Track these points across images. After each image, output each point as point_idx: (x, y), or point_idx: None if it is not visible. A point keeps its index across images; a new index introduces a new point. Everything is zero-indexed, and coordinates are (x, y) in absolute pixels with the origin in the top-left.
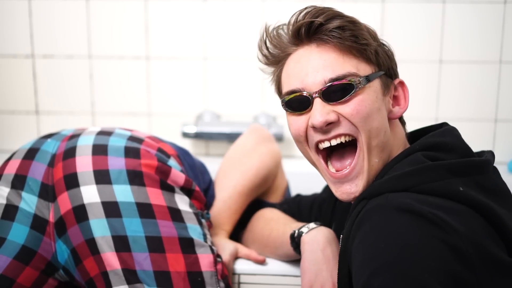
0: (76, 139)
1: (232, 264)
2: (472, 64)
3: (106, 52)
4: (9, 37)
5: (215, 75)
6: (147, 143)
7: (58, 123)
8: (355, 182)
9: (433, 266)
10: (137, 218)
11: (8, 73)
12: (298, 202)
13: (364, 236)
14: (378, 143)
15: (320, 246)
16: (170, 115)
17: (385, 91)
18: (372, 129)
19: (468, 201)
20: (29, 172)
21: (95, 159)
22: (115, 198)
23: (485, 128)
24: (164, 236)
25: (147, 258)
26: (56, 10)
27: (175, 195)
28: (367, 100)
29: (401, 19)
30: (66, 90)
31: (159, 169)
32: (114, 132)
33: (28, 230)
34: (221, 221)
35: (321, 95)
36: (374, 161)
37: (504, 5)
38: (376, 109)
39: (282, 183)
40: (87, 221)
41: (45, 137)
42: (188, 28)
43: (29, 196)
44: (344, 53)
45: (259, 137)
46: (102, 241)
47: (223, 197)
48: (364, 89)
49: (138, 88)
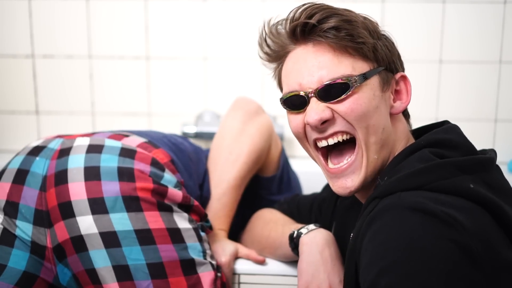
0: (66, 159)
1: (232, 264)
2: (472, 64)
3: (106, 52)
4: (9, 37)
5: (215, 75)
6: (140, 155)
7: (58, 123)
8: (351, 177)
9: (442, 268)
10: (137, 246)
11: (8, 73)
12: (297, 202)
13: (374, 234)
14: (376, 140)
15: (318, 247)
16: (170, 115)
17: (385, 87)
18: (369, 127)
19: (478, 198)
20: (21, 199)
21: (88, 186)
22: (113, 227)
23: (485, 128)
24: (165, 261)
25: (149, 285)
26: (56, 10)
27: (173, 214)
28: (363, 99)
29: (401, 19)
30: (66, 90)
31: (155, 191)
32: (104, 145)
33: (28, 256)
34: (219, 221)
35: (316, 94)
36: (373, 157)
37: (504, 5)
38: (373, 107)
39: (275, 153)
40: (87, 252)
41: (32, 153)
42: (188, 28)
43: (24, 224)
44: (339, 52)
45: (246, 113)
46: (103, 272)
47: (218, 195)
48: (361, 87)
49: (138, 88)
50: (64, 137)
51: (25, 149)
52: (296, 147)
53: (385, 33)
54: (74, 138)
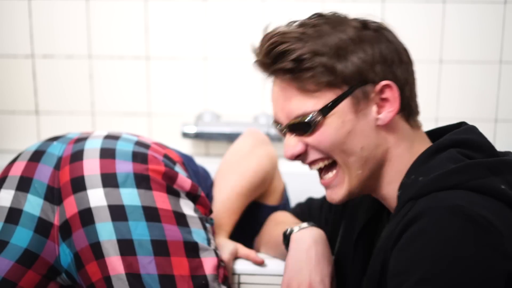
0: (83, 142)
1: (232, 263)
2: (472, 64)
3: (106, 52)
4: (9, 37)
5: (215, 75)
6: (153, 148)
7: (58, 123)
8: (335, 190)
9: (483, 278)
10: (143, 222)
11: (8, 73)
12: (309, 204)
13: (411, 239)
14: (356, 159)
15: (305, 246)
16: (170, 115)
17: (361, 105)
18: (345, 151)
19: (509, 199)
20: (35, 175)
21: (102, 163)
22: (121, 201)
23: (485, 128)
24: (169, 240)
25: (152, 262)
26: (56, 10)
27: (180, 200)
28: (328, 130)
29: (401, 19)
30: (66, 90)
31: (166, 175)
32: (121, 136)
33: (32, 234)
34: (220, 222)
35: (287, 128)
36: (357, 172)
37: (504, 5)
38: (343, 134)
39: (279, 185)
40: (93, 225)
41: (51, 139)
42: (188, 28)
43: (35, 198)
44: (298, 91)
45: (256, 140)
46: (107, 245)
47: (222, 198)
48: (325, 119)
49: (138, 88)
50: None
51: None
52: None
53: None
54: (92, 132)
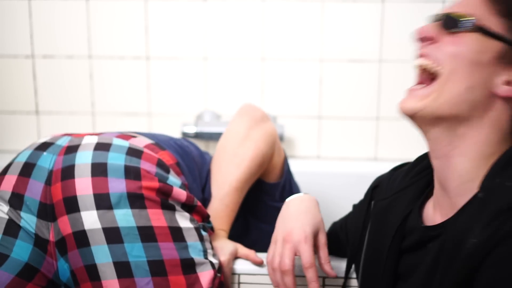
0: (74, 155)
1: (231, 264)
2: None
3: (106, 52)
4: (9, 37)
5: (215, 75)
6: (146, 156)
7: (58, 123)
8: (414, 100)
9: None
10: (139, 243)
11: (8, 73)
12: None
13: (504, 261)
14: (459, 91)
15: (292, 205)
16: (170, 115)
17: (504, 59)
18: (456, 71)
19: None
20: (27, 191)
21: (95, 182)
22: (116, 223)
23: None
24: (166, 259)
25: (149, 283)
26: (56, 10)
27: (175, 213)
28: (466, 44)
29: (401, 19)
30: (66, 90)
31: (160, 190)
32: (112, 144)
33: (32, 248)
34: (220, 221)
35: (442, 16)
36: (445, 102)
37: None
38: (473, 57)
39: (279, 161)
40: (89, 247)
41: (40, 148)
42: (188, 28)
43: (28, 216)
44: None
45: (251, 119)
46: (104, 268)
47: (220, 195)
48: (472, 34)
49: (138, 88)
50: (72, 135)
51: (33, 145)
52: (296, 147)
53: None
54: (82, 136)
